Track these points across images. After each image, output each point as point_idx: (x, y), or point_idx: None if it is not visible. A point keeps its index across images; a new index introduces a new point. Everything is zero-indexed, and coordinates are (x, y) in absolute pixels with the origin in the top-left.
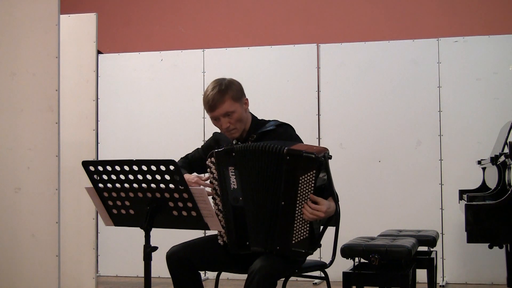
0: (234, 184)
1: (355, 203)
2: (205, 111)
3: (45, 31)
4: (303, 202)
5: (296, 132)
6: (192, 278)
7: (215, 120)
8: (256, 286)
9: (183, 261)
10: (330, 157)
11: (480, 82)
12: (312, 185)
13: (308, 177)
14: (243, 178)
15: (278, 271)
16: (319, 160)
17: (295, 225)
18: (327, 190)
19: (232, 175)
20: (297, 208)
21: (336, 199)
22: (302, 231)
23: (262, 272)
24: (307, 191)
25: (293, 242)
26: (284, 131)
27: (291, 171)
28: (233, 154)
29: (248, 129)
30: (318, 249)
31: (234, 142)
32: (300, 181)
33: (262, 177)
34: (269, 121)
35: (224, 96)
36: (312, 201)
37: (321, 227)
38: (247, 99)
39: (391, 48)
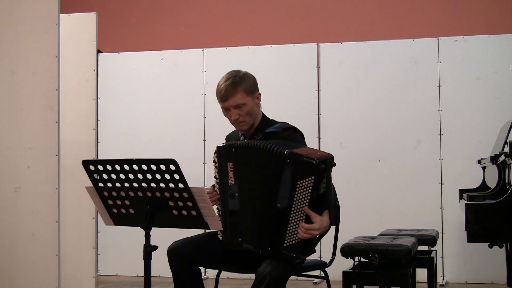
0: (231, 180)
1: (355, 202)
2: (205, 110)
3: (45, 31)
4: (299, 206)
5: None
6: (192, 274)
7: (226, 110)
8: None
9: (184, 257)
10: (334, 165)
11: (480, 81)
12: (310, 191)
13: (306, 183)
14: (240, 175)
15: (287, 274)
16: (319, 166)
17: (289, 228)
18: (325, 199)
19: (230, 170)
20: (292, 212)
21: (332, 209)
22: (295, 235)
23: (272, 275)
24: (304, 196)
25: (285, 245)
26: (290, 134)
27: (290, 175)
28: (233, 150)
29: (256, 126)
30: (318, 248)
31: (241, 139)
32: (298, 186)
33: (260, 177)
34: (278, 122)
35: (237, 88)
36: (306, 217)
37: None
38: (259, 94)
39: (391, 47)
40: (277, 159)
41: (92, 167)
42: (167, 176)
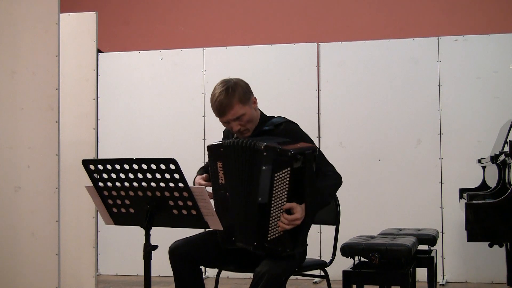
0: (221, 179)
1: (355, 202)
2: (205, 110)
3: (45, 30)
4: (278, 199)
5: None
6: (193, 274)
7: (226, 123)
8: (264, 287)
9: (185, 256)
10: (315, 156)
11: (480, 81)
12: (287, 183)
13: (283, 175)
14: (229, 174)
15: (285, 273)
16: (295, 157)
17: (271, 222)
18: (306, 191)
19: (220, 170)
20: (272, 205)
21: (310, 202)
22: (277, 228)
23: (270, 274)
24: (282, 188)
25: (268, 238)
26: (283, 129)
27: (267, 168)
28: (221, 149)
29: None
30: (318, 248)
31: (235, 137)
32: (276, 179)
33: (244, 173)
34: (274, 117)
35: (232, 101)
36: (287, 210)
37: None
38: (255, 98)
39: (391, 46)
40: (256, 154)
41: (92, 167)
42: (167, 176)
